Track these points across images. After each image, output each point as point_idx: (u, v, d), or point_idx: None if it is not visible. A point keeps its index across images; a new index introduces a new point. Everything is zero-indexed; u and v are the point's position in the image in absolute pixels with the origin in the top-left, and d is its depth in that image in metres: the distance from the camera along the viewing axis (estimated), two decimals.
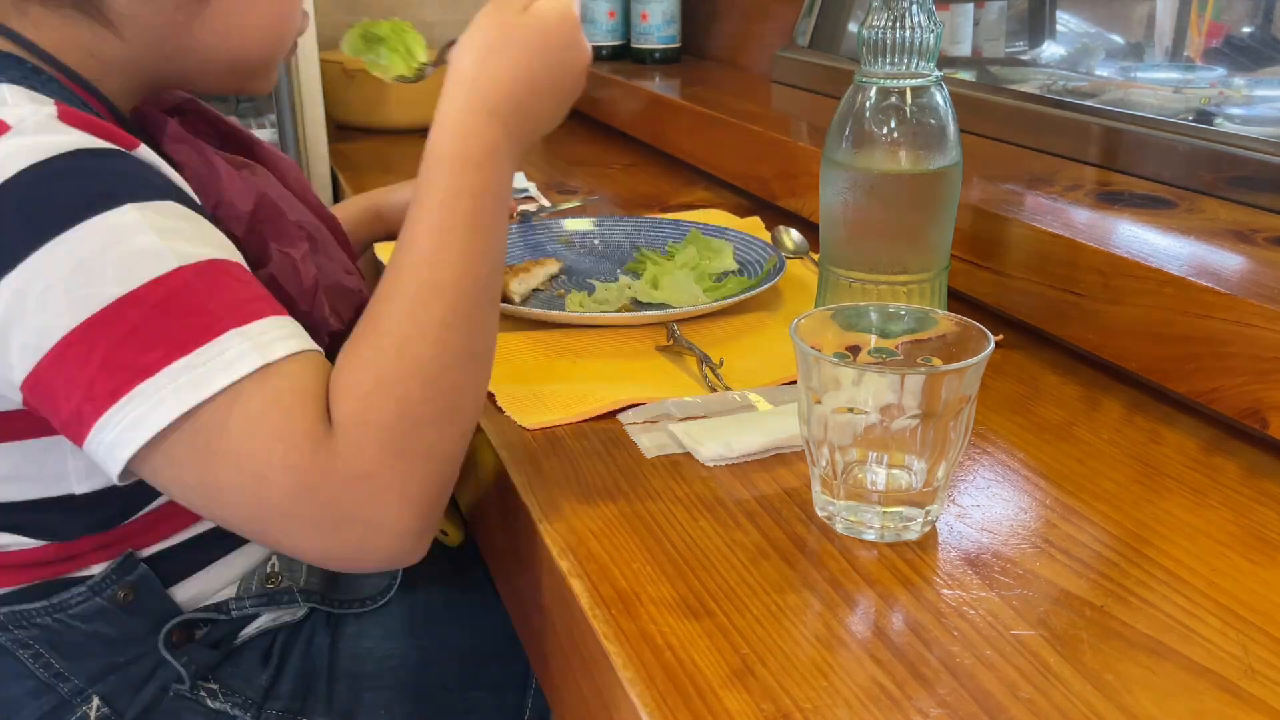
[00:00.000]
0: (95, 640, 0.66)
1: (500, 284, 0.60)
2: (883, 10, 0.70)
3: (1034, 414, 0.70)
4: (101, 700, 0.67)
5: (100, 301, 0.52)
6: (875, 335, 0.60)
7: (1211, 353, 0.66)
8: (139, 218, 0.54)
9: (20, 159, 0.53)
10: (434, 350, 0.55)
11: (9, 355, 0.53)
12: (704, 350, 0.78)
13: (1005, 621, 0.49)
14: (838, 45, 1.46)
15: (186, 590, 0.70)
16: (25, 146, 0.54)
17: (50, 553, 0.65)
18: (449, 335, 0.56)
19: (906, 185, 0.72)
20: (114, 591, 0.66)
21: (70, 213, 0.53)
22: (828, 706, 0.44)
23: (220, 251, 0.56)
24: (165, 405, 0.51)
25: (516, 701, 0.78)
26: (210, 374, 0.52)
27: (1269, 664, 0.46)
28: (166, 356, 0.51)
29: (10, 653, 0.65)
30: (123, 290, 0.52)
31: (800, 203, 1.12)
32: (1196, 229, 0.77)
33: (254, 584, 0.73)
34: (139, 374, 0.51)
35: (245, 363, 0.52)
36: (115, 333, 0.51)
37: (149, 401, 0.51)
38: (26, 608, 0.65)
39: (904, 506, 0.55)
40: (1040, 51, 1.18)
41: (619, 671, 0.46)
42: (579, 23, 0.63)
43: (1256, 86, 0.93)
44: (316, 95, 1.54)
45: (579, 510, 0.59)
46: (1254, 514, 0.58)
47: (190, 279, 0.53)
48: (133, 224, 0.53)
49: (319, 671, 0.73)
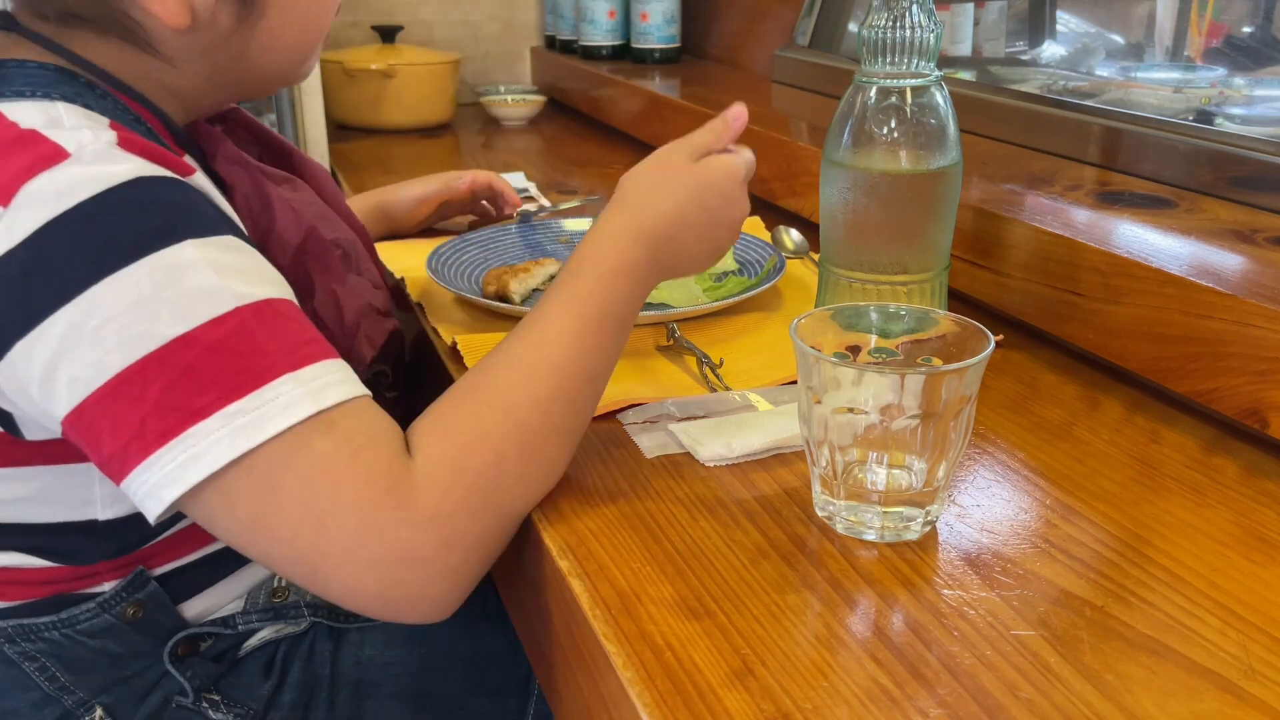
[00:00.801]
0: (101, 655, 0.66)
1: (603, 388, 0.62)
2: (883, 10, 0.70)
3: (1034, 414, 0.70)
4: (105, 712, 0.67)
5: (156, 341, 0.51)
6: (875, 335, 0.60)
7: (1211, 353, 0.66)
8: (197, 254, 0.53)
9: (81, 190, 0.52)
10: (538, 419, 0.57)
11: (55, 387, 0.52)
12: (704, 350, 0.78)
13: (1005, 621, 0.49)
14: (838, 45, 1.46)
15: (194, 606, 0.70)
16: (86, 177, 0.53)
17: (65, 573, 0.65)
18: (552, 408, 0.58)
19: (906, 185, 0.72)
20: (123, 609, 0.66)
21: (129, 248, 0.52)
22: (828, 706, 0.44)
23: (276, 289, 0.56)
24: (218, 448, 0.51)
25: (519, 707, 0.78)
26: (263, 419, 0.51)
27: (1269, 664, 0.46)
28: (220, 400, 0.51)
29: (16, 665, 0.65)
30: (179, 330, 0.51)
31: (800, 203, 1.12)
32: (1196, 229, 0.77)
33: (260, 598, 0.73)
34: (192, 417, 0.51)
35: (299, 409, 0.52)
36: (169, 374, 0.51)
37: (201, 444, 0.51)
38: (34, 622, 0.65)
39: (904, 506, 0.55)
40: (1040, 51, 1.18)
41: (619, 672, 0.46)
42: (742, 181, 0.69)
43: (1256, 86, 0.93)
44: (316, 95, 1.54)
45: (579, 510, 0.59)
46: (1254, 514, 0.58)
47: (247, 320, 0.53)
48: (191, 261, 0.53)
49: (321, 680, 0.73)
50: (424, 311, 0.89)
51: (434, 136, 1.73)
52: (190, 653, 0.69)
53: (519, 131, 1.76)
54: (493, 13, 2.05)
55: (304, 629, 0.74)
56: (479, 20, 2.04)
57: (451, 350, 0.80)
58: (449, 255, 0.96)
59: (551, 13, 1.98)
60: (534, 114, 1.83)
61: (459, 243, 0.99)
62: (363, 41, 1.91)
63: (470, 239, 1.01)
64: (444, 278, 0.90)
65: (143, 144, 0.56)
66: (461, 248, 0.99)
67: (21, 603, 0.65)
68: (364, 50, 1.79)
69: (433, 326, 0.86)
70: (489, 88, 1.95)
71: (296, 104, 1.53)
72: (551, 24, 1.99)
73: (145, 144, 0.56)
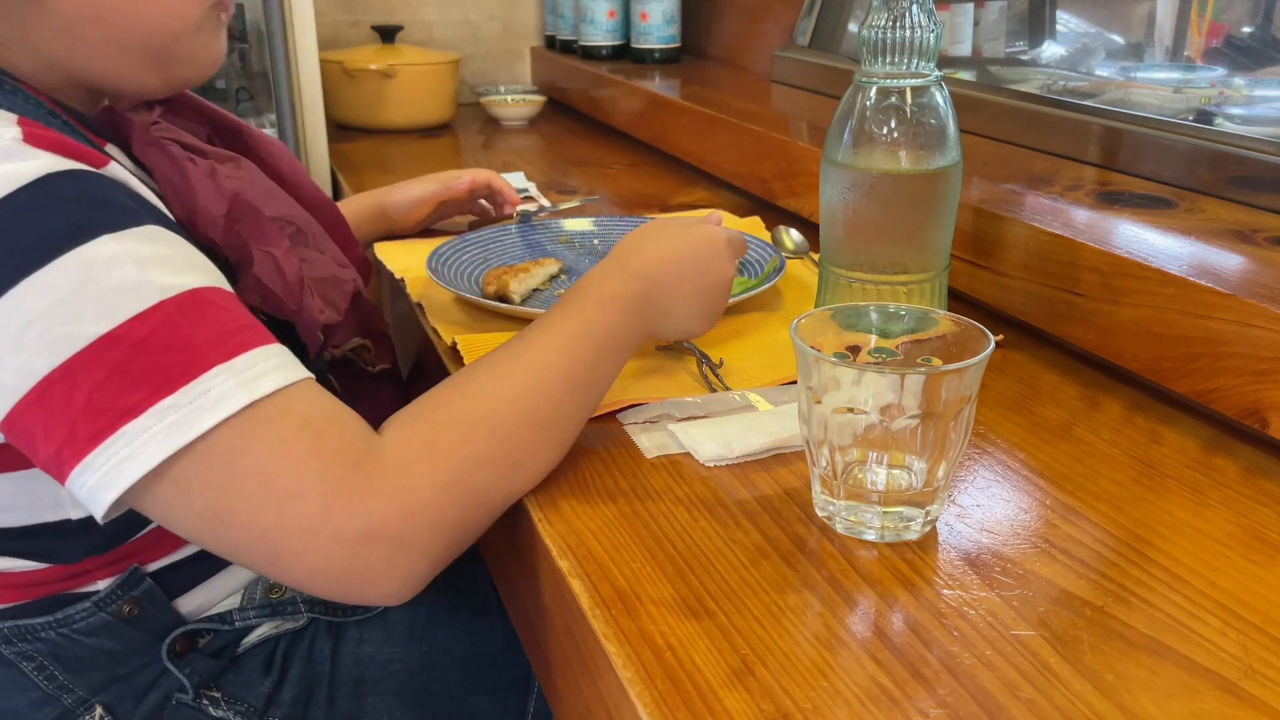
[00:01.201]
0: (99, 653, 0.66)
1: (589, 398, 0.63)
2: (883, 10, 0.70)
3: (1034, 414, 0.70)
4: (104, 710, 0.67)
5: (81, 341, 0.50)
6: (875, 335, 0.60)
7: (1211, 353, 0.66)
8: (116, 249, 0.52)
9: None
10: (509, 406, 0.58)
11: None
12: (704, 350, 0.78)
13: (1005, 621, 0.49)
14: (838, 45, 1.46)
15: (190, 601, 0.70)
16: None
17: (55, 573, 0.65)
18: (527, 401, 0.59)
19: (906, 185, 0.72)
20: (119, 606, 0.66)
21: (45, 248, 0.51)
22: (828, 706, 0.44)
23: (202, 277, 0.55)
24: (152, 446, 0.50)
25: (518, 706, 0.78)
26: (196, 414, 0.50)
27: (1269, 664, 0.46)
28: (150, 397, 0.50)
29: (14, 665, 0.65)
30: (103, 328, 0.50)
31: (800, 203, 1.12)
32: (1196, 229, 0.77)
33: (257, 594, 0.73)
34: (122, 416, 0.50)
35: (233, 400, 0.51)
36: (97, 373, 0.50)
37: (134, 444, 0.50)
38: (30, 622, 0.65)
39: (904, 506, 0.55)
40: (1040, 51, 1.18)
41: (619, 672, 0.46)
42: (727, 244, 0.74)
43: (1256, 86, 0.93)
44: (316, 95, 1.54)
45: (579, 510, 0.59)
46: (1254, 514, 0.58)
47: (172, 313, 0.52)
48: (110, 257, 0.52)
49: (321, 678, 0.73)
50: (424, 311, 0.89)
51: (434, 137, 1.73)
52: (189, 649, 0.69)
53: (519, 131, 1.76)
54: (493, 13, 2.05)
55: (303, 625, 0.74)
56: (479, 20, 2.04)
57: (451, 350, 0.80)
58: (449, 255, 0.96)
59: (551, 13, 1.98)
60: (534, 114, 1.83)
61: (459, 243, 0.99)
62: (363, 41, 1.91)
63: (470, 239, 1.01)
64: (444, 278, 0.90)
65: (52, 138, 0.54)
66: (461, 248, 0.99)
67: (16, 604, 0.65)
68: (364, 50, 1.79)
69: (433, 326, 0.86)
70: (489, 88, 1.95)
71: (296, 104, 1.53)
72: (551, 24, 1.99)
73: (55, 138, 0.55)
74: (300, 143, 1.54)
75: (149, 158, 0.64)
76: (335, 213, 0.82)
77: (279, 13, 1.47)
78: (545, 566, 0.57)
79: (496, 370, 0.60)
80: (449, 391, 0.59)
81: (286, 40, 1.49)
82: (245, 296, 0.63)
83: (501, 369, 0.60)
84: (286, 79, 1.50)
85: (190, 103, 0.77)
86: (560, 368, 0.61)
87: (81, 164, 0.55)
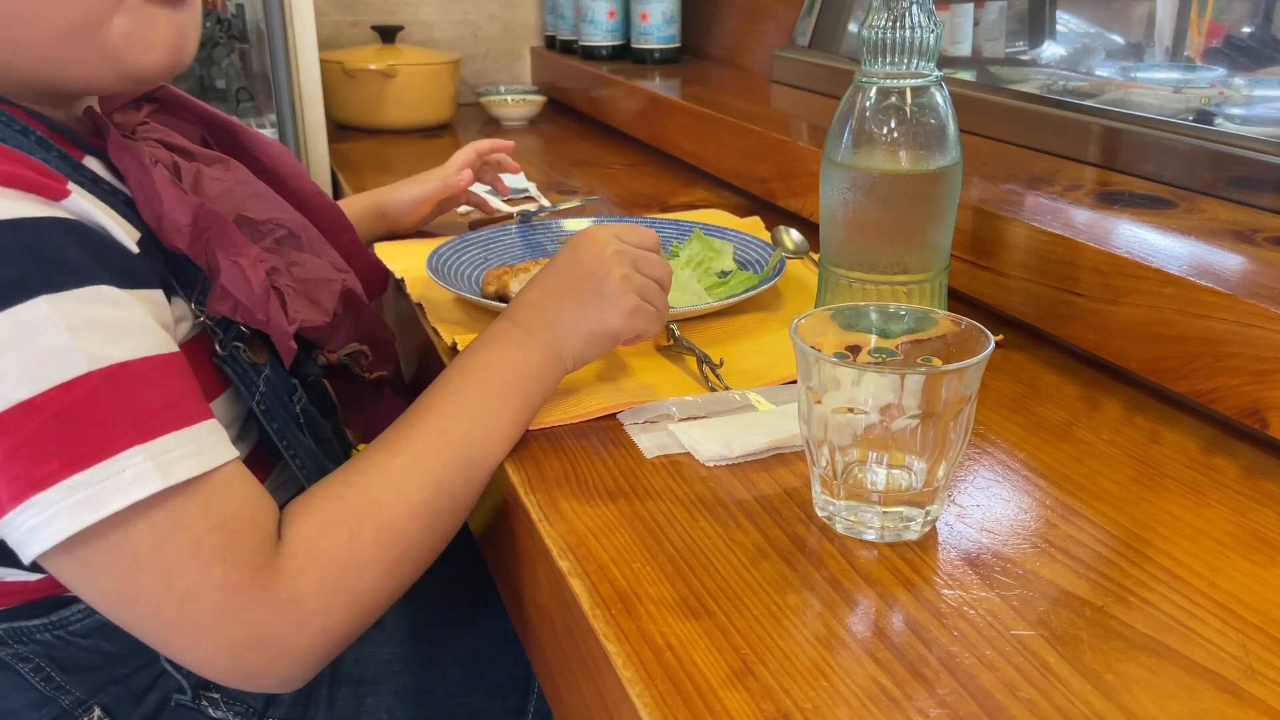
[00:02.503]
0: (96, 654, 0.66)
1: (492, 463, 0.64)
2: (883, 10, 0.70)
3: (1034, 414, 0.70)
4: (103, 711, 0.67)
5: (1, 404, 0.49)
6: (875, 335, 0.60)
7: (1211, 353, 0.66)
8: (50, 311, 0.50)
9: None
10: (392, 497, 0.59)
11: None
12: (704, 350, 0.78)
13: (1005, 621, 0.49)
14: (838, 45, 1.46)
15: None
16: None
17: (46, 580, 0.64)
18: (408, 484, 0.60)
19: (906, 185, 0.72)
20: None
21: None
22: (828, 706, 0.44)
23: (137, 345, 0.53)
24: (59, 521, 0.49)
25: (519, 705, 0.78)
26: (106, 494, 0.50)
27: (1269, 664, 0.46)
28: (62, 470, 0.49)
29: (10, 667, 0.65)
30: (25, 395, 0.49)
31: (800, 203, 1.12)
32: (1196, 229, 0.77)
33: None
34: (33, 486, 0.49)
35: (146, 484, 0.50)
36: (13, 439, 0.49)
37: (42, 515, 0.49)
38: (26, 625, 0.65)
39: (904, 506, 0.55)
40: (1040, 51, 1.18)
41: (619, 672, 0.46)
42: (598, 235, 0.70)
43: (1256, 86, 0.93)
44: (316, 95, 1.54)
45: (579, 510, 0.59)
46: (1254, 514, 0.58)
47: (97, 385, 0.50)
48: (43, 320, 0.50)
49: (320, 678, 0.73)
50: (424, 311, 0.89)
51: (434, 137, 1.73)
52: None
53: (519, 131, 1.76)
54: (493, 13, 2.05)
55: None
56: (479, 20, 2.04)
57: (452, 350, 0.80)
58: (449, 255, 0.96)
59: (551, 13, 1.98)
60: (534, 114, 1.83)
61: (459, 243, 0.99)
62: (363, 41, 1.91)
63: (470, 239, 1.01)
64: (444, 278, 0.90)
65: (5, 171, 0.52)
66: (461, 248, 0.99)
67: (11, 607, 0.65)
68: (364, 50, 1.79)
69: (433, 326, 0.86)
70: (489, 88, 1.95)
71: (296, 104, 1.53)
72: (551, 24, 1.99)
73: (9, 170, 0.52)
74: (300, 143, 1.55)
75: (121, 163, 0.62)
76: (339, 217, 0.82)
77: (279, 13, 1.47)
78: (545, 566, 0.57)
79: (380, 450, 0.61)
80: (338, 481, 0.60)
81: (286, 40, 1.49)
82: (217, 306, 0.62)
83: (383, 448, 0.61)
84: (286, 79, 1.50)
85: (185, 103, 0.76)
86: (436, 430, 0.62)
87: (34, 204, 0.52)
